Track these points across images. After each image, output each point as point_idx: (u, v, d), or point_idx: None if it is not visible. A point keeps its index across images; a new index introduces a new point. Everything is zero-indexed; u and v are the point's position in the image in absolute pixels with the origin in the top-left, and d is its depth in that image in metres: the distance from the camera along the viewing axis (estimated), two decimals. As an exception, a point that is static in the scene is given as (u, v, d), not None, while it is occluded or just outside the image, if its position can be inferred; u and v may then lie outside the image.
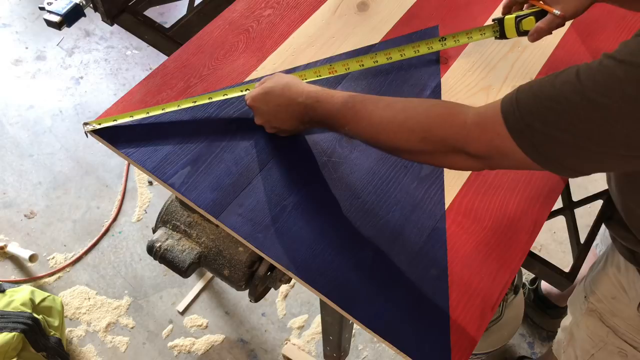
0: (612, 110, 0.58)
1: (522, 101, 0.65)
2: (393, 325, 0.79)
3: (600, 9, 1.13)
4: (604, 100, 0.58)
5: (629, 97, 0.57)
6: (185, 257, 1.00)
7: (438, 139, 0.73)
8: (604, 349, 1.07)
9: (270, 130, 0.94)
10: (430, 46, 1.00)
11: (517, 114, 0.65)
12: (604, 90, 0.59)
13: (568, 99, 0.61)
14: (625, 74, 0.58)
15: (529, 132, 0.64)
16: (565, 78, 0.62)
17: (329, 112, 0.83)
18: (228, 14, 1.12)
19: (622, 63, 0.58)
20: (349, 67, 1.00)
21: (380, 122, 0.78)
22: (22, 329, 1.47)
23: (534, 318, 1.76)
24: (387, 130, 0.77)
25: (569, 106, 0.61)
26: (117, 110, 0.97)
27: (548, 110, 0.62)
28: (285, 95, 0.88)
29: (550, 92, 0.63)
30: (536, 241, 1.66)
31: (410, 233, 0.87)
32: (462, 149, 0.71)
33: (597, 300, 1.05)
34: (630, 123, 0.58)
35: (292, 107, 0.87)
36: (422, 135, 0.74)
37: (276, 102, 0.89)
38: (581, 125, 0.61)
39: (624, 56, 0.58)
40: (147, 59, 2.37)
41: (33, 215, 1.97)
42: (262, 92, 0.90)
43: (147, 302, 1.81)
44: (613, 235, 0.99)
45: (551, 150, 0.64)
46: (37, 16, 2.48)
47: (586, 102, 0.60)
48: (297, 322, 1.77)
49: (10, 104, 2.22)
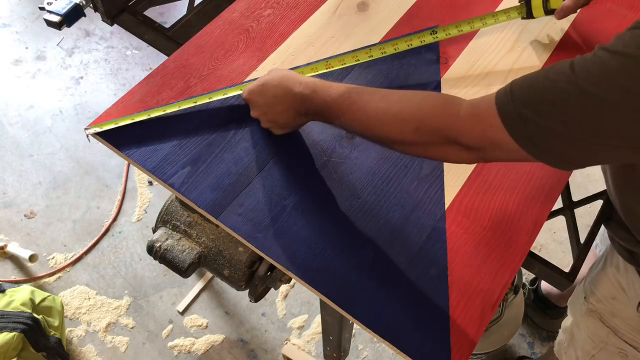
0: (605, 101, 0.58)
1: (516, 92, 0.65)
2: (393, 325, 0.79)
3: (600, 9, 1.13)
4: (597, 91, 0.59)
5: (622, 88, 0.58)
6: (185, 257, 1.00)
7: (431, 129, 0.73)
8: (605, 349, 1.07)
9: (266, 124, 0.94)
10: (422, 39, 1.03)
11: (511, 105, 0.65)
12: (598, 81, 0.59)
13: (562, 90, 0.61)
14: (618, 65, 0.58)
15: (522, 122, 0.64)
16: (560, 69, 0.63)
17: (325, 102, 0.83)
18: (228, 14, 1.12)
19: (616, 54, 0.58)
20: (345, 62, 1.02)
21: (376, 113, 0.78)
22: (22, 329, 1.47)
23: (534, 318, 1.76)
24: (382, 121, 0.77)
25: (562, 97, 0.61)
26: (117, 110, 0.97)
27: (541, 100, 0.63)
28: (282, 86, 0.87)
29: (544, 83, 0.63)
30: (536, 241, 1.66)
31: (410, 233, 0.87)
32: (456, 140, 0.71)
33: (596, 300, 1.05)
34: (622, 114, 0.58)
35: (288, 98, 0.87)
36: (416, 126, 0.74)
37: (272, 93, 0.88)
38: (574, 116, 0.61)
39: (617, 48, 0.59)
40: (147, 59, 2.37)
41: (33, 215, 1.97)
42: (259, 84, 0.90)
43: (147, 302, 1.81)
44: (612, 235, 0.99)
45: (544, 140, 0.64)
46: (37, 16, 2.48)
47: (579, 93, 0.60)
48: (297, 322, 1.77)
49: (10, 104, 2.22)
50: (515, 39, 1.09)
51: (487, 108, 0.68)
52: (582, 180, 2.03)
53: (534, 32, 1.09)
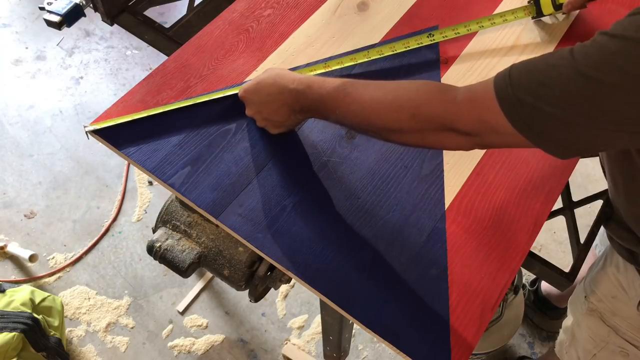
0: (604, 83, 0.59)
1: (514, 76, 0.65)
2: (393, 325, 0.79)
3: (601, 9, 1.13)
4: (596, 74, 0.59)
5: (621, 70, 0.58)
6: (185, 257, 1.00)
7: (428, 116, 0.73)
8: (606, 348, 1.07)
9: (261, 123, 0.94)
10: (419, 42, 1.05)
11: (509, 88, 0.65)
12: (597, 64, 0.59)
13: (560, 74, 0.61)
14: (617, 47, 0.58)
15: (519, 106, 0.64)
16: (559, 55, 0.63)
17: (320, 96, 0.83)
18: (228, 14, 1.12)
19: (615, 38, 0.59)
20: (343, 63, 1.03)
21: (371, 102, 0.78)
22: (22, 329, 1.47)
23: (534, 319, 1.76)
24: (378, 109, 0.77)
25: (560, 80, 0.61)
26: (117, 110, 0.97)
27: (540, 84, 0.63)
28: (277, 84, 0.87)
29: (543, 68, 0.63)
30: (536, 241, 1.66)
31: (410, 233, 0.87)
32: (452, 125, 0.71)
33: (597, 300, 1.05)
34: (621, 97, 0.58)
35: (283, 95, 0.87)
36: (412, 112, 0.74)
37: (267, 91, 0.88)
38: (572, 100, 0.61)
39: (617, 31, 0.59)
40: (147, 59, 2.37)
41: (33, 215, 1.97)
42: (254, 82, 0.90)
43: (147, 302, 1.81)
44: (611, 235, 0.99)
45: (541, 124, 0.64)
46: (37, 16, 2.48)
47: (578, 76, 0.60)
48: (297, 322, 1.77)
49: (10, 104, 2.22)
50: (515, 39, 1.09)
51: (484, 92, 0.67)
52: (582, 180, 2.04)
53: (534, 32, 1.10)
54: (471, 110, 0.69)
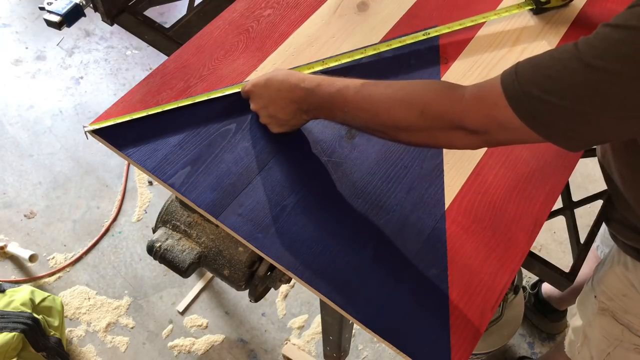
0: (609, 71, 0.59)
1: (521, 72, 0.66)
2: (393, 325, 0.79)
3: (600, 9, 1.13)
4: (601, 63, 0.60)
5: (625, 57, 0.58)
6: (185, 257, 1.00)
7: (436, 113, 0.74)
8: (620, 346, 1.07)
9: (265, 120, 0.94)
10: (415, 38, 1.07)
11: (516, 84, 0.66)
12: (601, 53, 0.60)
13: (565, 66, 0.62)
14: (620, 36, 0.59)
15: (526, 99, 0.65)
16: (564, 49, 0.64)
17: (329, 94, 0.84)
18: (228, 14, 1.12)
19: (618, 27, 0.60)
20: (340, 60, 1.04)
21: (380, 99, 0.79)
22: (22, 329, 1.47)
23: (534, 321, 1.76)
24: (387, 106, 0.78)
25: (566, 72, 0.62)
26: (117, 110, 0.97)
27: (546, 77, 0.64)
28: (288, 81, 0.88)
29: (548, 62, 0.64)
30: (536, 241, 1.66)
31: (410, 233, 0.87)
32: (460, 123, 0.72)
33: (607, 298, 1.05)
34: (625, 84, 0.59)
35: (293, 93, 0.87)
36: (421, 110, 0.74)
37: (277, 87, 0.89)
38: (578, 90, 0.61)
39: (619, 22, 0.60)
40: (147, 59, 2.37)
41: (33, 215, 1.97)
42: (264, 77, 0.91)
43: (147, 302, 1.81)
44: (614, 234, 0.99)
45: (548, 117, 0.64)
46: (37, 16, 2.48)
47: (583, 67, 0.61)
48: (297, 322, 1.77)
49: (10, 104, 2.23)
50: (515, 40, 1.09)
51: (491, 89, 0.68)
52: (582, 180, 2.04)
53: (534, 32, 1.10)
54: (479, 108, 0.70)
